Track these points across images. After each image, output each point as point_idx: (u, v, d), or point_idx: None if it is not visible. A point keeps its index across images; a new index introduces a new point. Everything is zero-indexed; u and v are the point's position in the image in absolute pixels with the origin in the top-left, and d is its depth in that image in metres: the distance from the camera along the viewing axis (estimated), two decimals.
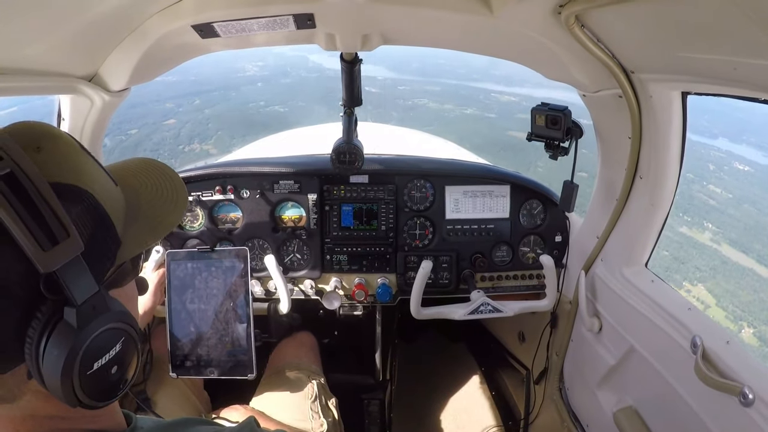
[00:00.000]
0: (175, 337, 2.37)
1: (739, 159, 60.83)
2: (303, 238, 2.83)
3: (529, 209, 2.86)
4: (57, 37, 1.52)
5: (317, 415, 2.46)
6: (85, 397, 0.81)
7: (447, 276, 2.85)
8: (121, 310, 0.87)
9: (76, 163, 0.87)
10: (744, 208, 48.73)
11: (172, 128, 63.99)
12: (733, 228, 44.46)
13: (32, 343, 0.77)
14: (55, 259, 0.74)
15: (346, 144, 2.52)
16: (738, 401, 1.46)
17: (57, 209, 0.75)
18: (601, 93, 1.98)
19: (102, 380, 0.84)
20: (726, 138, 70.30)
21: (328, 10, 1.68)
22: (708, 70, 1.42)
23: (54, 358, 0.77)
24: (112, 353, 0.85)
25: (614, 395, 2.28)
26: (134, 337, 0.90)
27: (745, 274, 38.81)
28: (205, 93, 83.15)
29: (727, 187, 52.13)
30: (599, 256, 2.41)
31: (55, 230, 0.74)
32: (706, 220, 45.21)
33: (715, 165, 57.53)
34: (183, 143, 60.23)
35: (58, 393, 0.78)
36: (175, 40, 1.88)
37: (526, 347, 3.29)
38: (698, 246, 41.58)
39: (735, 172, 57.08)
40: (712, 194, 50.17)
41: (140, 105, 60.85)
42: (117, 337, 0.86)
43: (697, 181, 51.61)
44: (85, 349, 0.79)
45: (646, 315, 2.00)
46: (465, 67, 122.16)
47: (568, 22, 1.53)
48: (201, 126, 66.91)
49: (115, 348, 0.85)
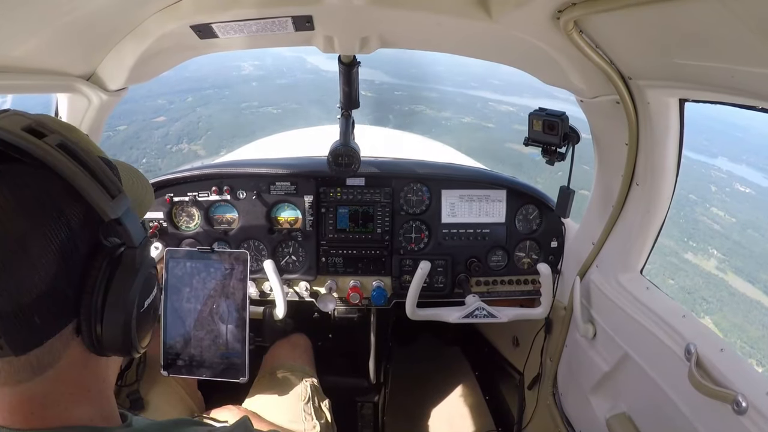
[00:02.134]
0: (169, 335, 2.35)
1: (740, 180, 60.38)
2: (299, 240, 2.82)
3: (525, 214, 2.86)
4: (55, 36, 1.51)
5: (310, 416, 2.45)
6: (136, 339, 0.91)
7: (442, 280, 2.85)
8: (153, 257, 0.98)
9: (98, 146, 1.00)
10: (748, 234, 47.85)
11: (161, 126, 62.90)
12: (738, 255, 43.51)
13: (92, 292, 0.84)
14: (119, 206, 0.84)
15: (343, 146, 2.52)
16: (731, 409, 1.46)
17: (108, 172, 0.85)
18: (598, 99, 1.98)
19: (147, 322, 0.96)
20: (726, 157, 69.88)
21: (326, 12, 1.68)
22: (706, 77, 1.42)
23: (117, 300, 0.86)
24: (154, 293, 0.97)
25: (608, 402, 2.28)
26: (160, 287, 1.03)
27: (753, 307, 37.40)
28: (199, 90, 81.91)
29: (731, 211, 51.28)
30: (594, 262, 2.41)
31: (110, 187, 0.83)
32: (711, 246, 44.15)
33: (717, 186, 56.87)
34: (171, 143, 59.00)
35: (116, 336, 0.87)
36: (173, 40, 1.88)
37: (520, 352, 3.29)
38: (704, 275, 40.26)
39: (737, 195, 56.48)
40: (716, 218, 49.23)
41: (131, 101, 59.18)
42: (155, 280, 0.98)
43: (700, 203, 50.79)
44: (142, 287, 0.91)
45: (640, 322, 2.00)
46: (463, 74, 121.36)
47: (566, 27, 1.53)
48: (191, 125, 65.65)
49: (155, 289, 0.98)
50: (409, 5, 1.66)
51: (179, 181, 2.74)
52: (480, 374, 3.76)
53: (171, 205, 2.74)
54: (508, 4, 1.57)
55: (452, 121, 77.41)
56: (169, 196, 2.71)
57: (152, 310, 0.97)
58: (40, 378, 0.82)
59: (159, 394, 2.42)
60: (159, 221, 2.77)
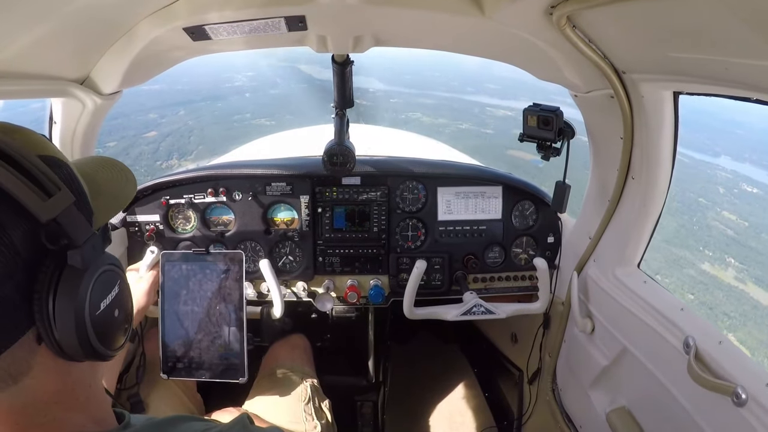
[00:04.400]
0: (167, 338, 2.35)
1: (746, 180, 59.81)
2: (295, 240, 2.82)
3: (522, 210, 2.86)
4: (48, 40, 1.50)
5: (311, 417, 2.45)
6: (97, 342, 0.87)
7: (439, 277, 2.85)
8: (112, 255, 0.94)
9: (49, 144, 0.94)
10: (763, 238, 46.65)
11: (151, 141, 62.00)
12: (756, 263, 42.18)
13: (41, 298, 0.80)
14: (54, 207, 0.80)
15: (338, 146, 2.51)
16: (731, 401, 1.47)
17: (45, 170, 0.81)
18: (592, 93, 1.99)
19: (109, 324, 0.91)
20: (728, 156, 69.64)
21: (319, 11, 1.68)
22: (699, 70, 1.42)
23: (65, 304, 0.81)
24: (113, 293, 0.92)
25: (607, 396, 2.29)
26: (127, 282, 0.98)
27: None
28: (191, 103, 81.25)
29: (742, 214, 50.14)
30: (592, 256, 2.42)
31: (47, 186, 0.80)
32: (727, 255, 42.77)
33: (725, 187, 56.18)
34: (161, 159, 58.04)
35: (72, 341, 0.82)
36: (166, 42, 1.87)
37: (519, 348, 3.30)
38: (724, 287, 38.59)
39: (745, 195, 55.70)
40: (728, 222, 48.01)
41: (122, 116, 58.90)
42: (115, 278, 0.93)
43: (710, 207, 49.75)
44: (92, 287, 0.86)
45: (638, 316, 2.00)
46: (458, 79, 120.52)
47: (559, 23, 1.53)
48: (182, 140, 64.70)
49: (115, 289, 0.93)
50: (402, 3, 1.66)
51: (175, 184, 2.73)
52: (479, 371, 3.76)
53: (167, 207, 2.73)
54: (501, 0, 1.56)
55: (449, 127, 76.55)
56: (165, 198, 2.70)
57: (115, 311, 0.93)
58: (17, 387, 0.81)
59: (159, 397, 2.42)
60: (155, 224, 2.76)
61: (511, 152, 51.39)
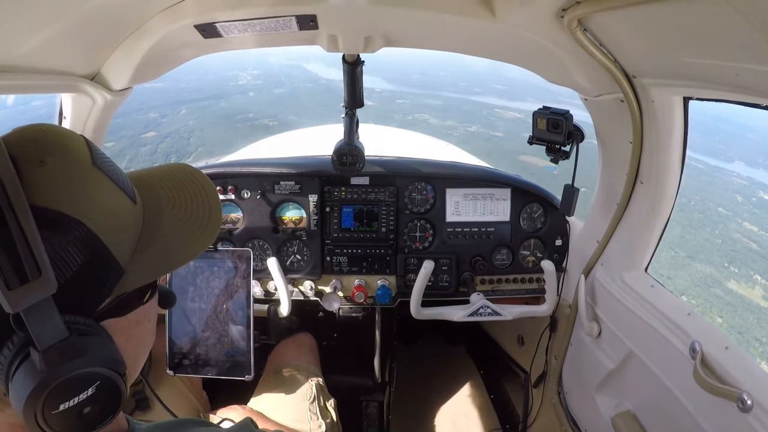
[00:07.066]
0: (174, 335, 2.37)
1: (763, 187, 57.56)
2: (303, 239, 2.83)
3: (530, 213, 2.86)
4: (59, 36, 1.51)
5: (315, 416, 2.46)
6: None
7: (447, 279, 2.85)
8: (102, 355, 0.79)
9: (80, 183, 0.81)
10: None
11: (149, 142, 60.36)
12: None
13: (2, 369, 0.74)
14: (19, 300, 0.68)
15: (347, 145, 2.51)
16: (737, 407, 1.46)
17: (33, 243, 0.69)
18: (602, 97, 1.98)
19: (71, 419, 0.77)
20: (742, 161, 67.97)
21: (330, 11, 1.68)
22: (710, 75, 1.42)
23: (19, 391, 0.72)
24: (83, 396, 0.76)
25: (613, 400, 2.28)
26: (113, 379, 0.80)
27: None
28: (194, 102, 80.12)
29: (764, 225, 47.21)
30: (599, 260, 2.41)
31: (26, 266, 0.68)
32: (753, 272, 39.58)
33: (743, 196, 53.90)
34: (158, 161, 54.78)
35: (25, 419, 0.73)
36: (177, 39, 1.88)
37: (525, 351, 3.29)
38: (754, 309, 35.14)
39: (764, 204, 53.08)
40: (751, 235, 45.15)
41: (122, 115, 56.68)
42: (90, 382, 0.77)
43: (731, 218, 47.02)
44: (49, 392, 0.72)
45: (645, 320, 1.99)
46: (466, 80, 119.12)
47: (570, 26, 1.53)
48: (182, 141, 62.90)
49: (87, 392, 0.77)
50: (413, 4, 1.66)
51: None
52: (485, 373, 3.76)
53: None
54: (512, 3, 1.57)
55: (458, 130, 75.27)
56: None
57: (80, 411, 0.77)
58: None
59: (165, 394, 2.43)
60: None
61: (523, 158, 49.59)
